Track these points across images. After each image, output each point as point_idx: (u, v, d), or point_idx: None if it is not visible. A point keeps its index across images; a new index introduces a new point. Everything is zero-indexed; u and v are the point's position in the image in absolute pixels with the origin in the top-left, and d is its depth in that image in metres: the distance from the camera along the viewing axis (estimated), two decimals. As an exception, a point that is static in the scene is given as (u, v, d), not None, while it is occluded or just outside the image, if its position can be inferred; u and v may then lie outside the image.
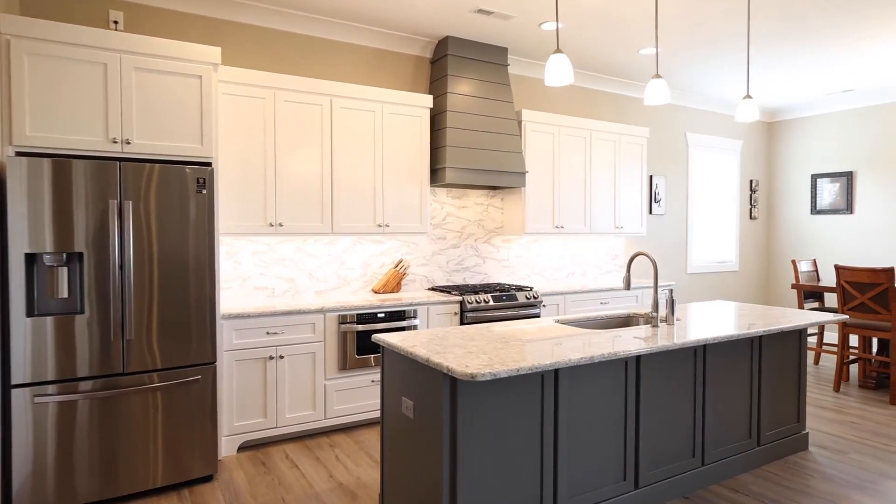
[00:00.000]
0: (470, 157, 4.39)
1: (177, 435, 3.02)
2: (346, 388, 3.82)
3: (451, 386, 2.17)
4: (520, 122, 4.87)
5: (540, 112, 4.94)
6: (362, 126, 4.11)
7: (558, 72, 2.49)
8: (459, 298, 4.24)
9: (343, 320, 3.79)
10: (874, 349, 5.76)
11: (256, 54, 4.04)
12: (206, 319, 3.11)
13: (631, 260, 3.07)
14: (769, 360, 3.32)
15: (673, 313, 2.95)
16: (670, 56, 4.98)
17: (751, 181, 7.11)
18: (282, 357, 3.59)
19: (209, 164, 3.20)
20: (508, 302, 4.42)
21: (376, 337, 2.62)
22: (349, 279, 4.42)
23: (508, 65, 4.77)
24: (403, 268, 4.54)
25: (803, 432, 3.51)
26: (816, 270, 5.70)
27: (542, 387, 2.40)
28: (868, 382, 4.89)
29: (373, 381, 3.92)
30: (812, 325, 3.11)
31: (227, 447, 3.44)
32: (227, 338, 3.41)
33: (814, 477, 3.12)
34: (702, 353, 2.99)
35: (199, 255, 3.08)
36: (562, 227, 5.10)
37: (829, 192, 6.63)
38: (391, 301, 3.97)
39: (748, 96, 3.31)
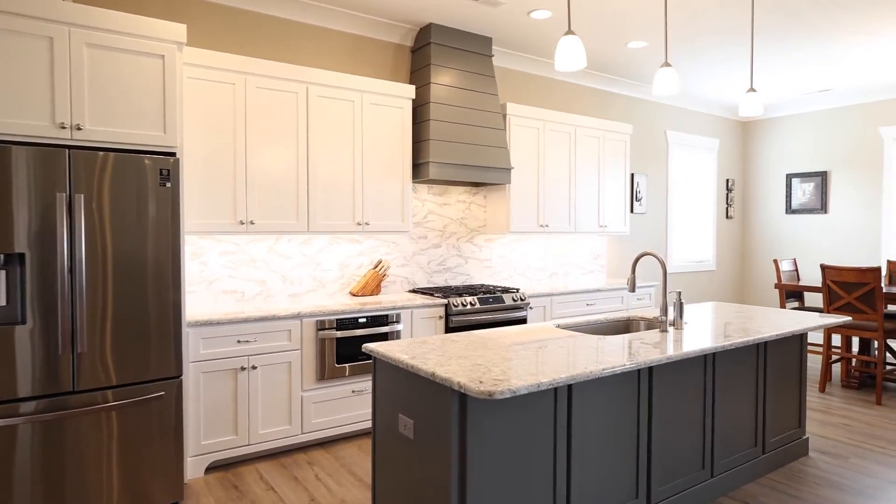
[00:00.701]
0: (454, 152, 4.14)
1: (136, 459, 2.68)
2: (324, 399, 3.52)
3: (459, 403, 1.92)
4: (504, 116, 4.65)
5: (525, 106, 4.74)
6: (341, 116, 3.82)
7: (570, 55, 2.27)
8: (444, 301, 3.99)
9: (321, 326, 3.49)
10: (853, 348, 5.78)
11: (225, 36, 3.69)
12: (170, 328, 2.77)
13: (636, 261, 2.89)
14: (773, 363, 3.19)
15: (681, 317, 2.77)
16: (659, 49, 4.86)
17: (727, 180, 7.10)
18: (254, 367, 3.27)
19: (173, 155, 2.86)
20: (495, 304, 4.19)
21: (367, 347, 2.35)
22: (325, 281, 4.11)
23: (493, 55, 4.55)
24: (383, 269, 4.26)
25: (804, 437, 3.40)
26: (796, 270, 5.69)
27: (556, 400, 2.18)
28: (851, 382, 4.87)
29: (353, 392, 3.63)
30: (819, 327, 2.99)
31: (193, 469, 3.10)
32: (193, 348, 3.07)
33: (821, 486, 3.00)
34: (711, 360, 2.83)
35: (161, 255, 2.74)
36: (546, 225, 4.91)
37: (803, 192, 6.65)
38: (372, 305, 3.69)
39: (752, 89, 3.17)
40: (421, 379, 2.06)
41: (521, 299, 4.34)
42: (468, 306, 4.05)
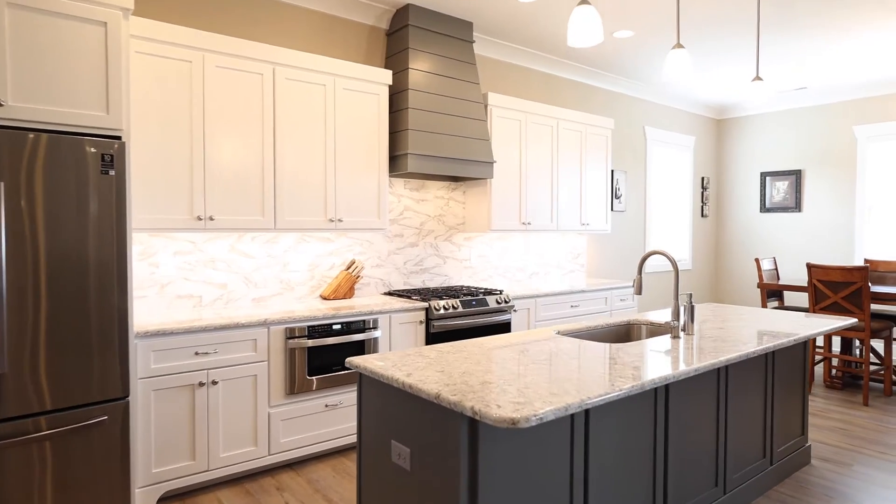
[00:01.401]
0: (434, 144, 3.84)
1: (74, 495, 2.27)
2: (294, 415, 3.16)
3: (469, 431, 1.62)
4: (486, 107, 4.37)
5: (507, 96, 4.47)
6: (311, 102, 3.46)
7: (585, 28, 1.99)
8: (425, 305, 3.68)
9: (291, 334, 3.13)
10: (833, 348, 5.75)
11: (180, 7, 3.29)
12: (115, 340, 2.37)
13: (643, 260, 2.65)
14: (780, 369, 3.01)
15: (692, 321, 2.55)
16: (643, 39, 4.66)
17: (702, 178, 7.02)
18: (214, 382, 2.89)
19: (118, 138, 2.46)
20: (478, 307, 3.91)
21: (352, 361, 2.02)
22: (293, 284, 3.74)
23: (474, 41, 4.26)
24: (357, 270, 3.92)
25: (806, 445, 3.24)
26: (776, 269, 5.62)
27: (573, 422, 1.90)
28: (835, 383, 4.80)
29: (327, 406, 3.28)
30: (833, 330, 2.82)
31: (143, 501, 2.69)
32: (142, 362, 2.67)
33: (833, 498, 2.82)
34: (724, 369, 2.61)
35: (104, 255, 2.35)
36: (529, 223, 4.65)
37: (777, 191, 6.62)
38: (346, 309, 3.34)
39: (758, 78, 2.98)
40: (420, 401, 1.75)
41: (506, 301, 4.07)
42: (450, 310, 3.76)
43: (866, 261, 5.38)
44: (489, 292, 4.09)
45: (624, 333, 2.99)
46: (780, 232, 6.63)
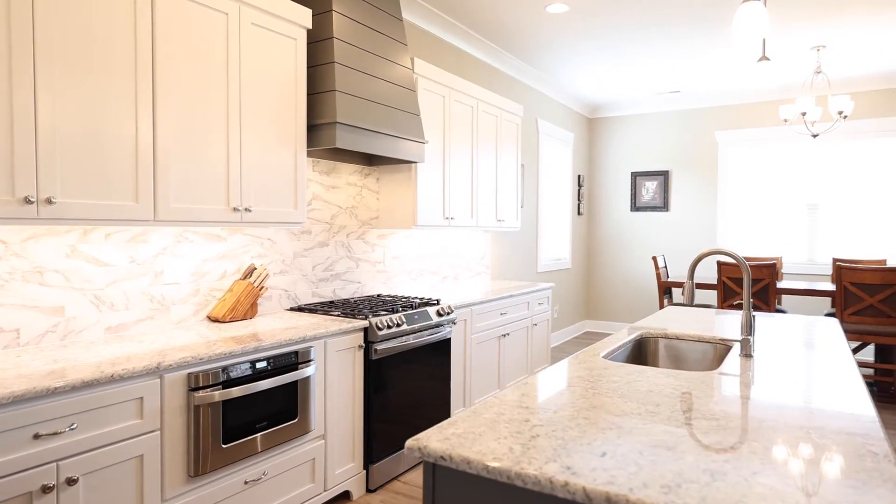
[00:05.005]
0: (367, 113, 2.95)
1: None
2: (201, 507, 2.07)
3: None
4: (412, 74, 3.58)
5: (433, 66, 3.73)
6: (208, 37, 2.36)
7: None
8: (363, 323, 2.78)
9: (195, 384, 2.03)
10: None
11: None
12: None
13: (697, 261, 2.15)
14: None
15: (753, 335, 2.11)
16: (578, 18, 4.26)
17: (578, 176, 6.99)
18: (72, 482, 1.70)
19: None
20: (422, 322, 3.12)
21: (435, 450, 1.15)
22: (169, 302, 2.57)
23: (400, -8, 3.45)
24: (261, 279, 2.86)
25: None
26: (666, 266, 5.71)
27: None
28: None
29: (246, 483, 2.23)
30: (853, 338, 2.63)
31: None
32: (-72, 468, 1.42)
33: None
34: (777, 386, 2.23)
35: None
36: (452, 218, 3.97)
37: (647, 190, 6.85)
38: (264, 338, 2.32)
39: (765, 57, 2.70)
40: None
41: (447, 313, 3.33)
42: (394, 327, 2.91)
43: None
44: (427, 302, 3.32)
45: (638, 348, 2.48)
46: (650, 230, 6.87)
